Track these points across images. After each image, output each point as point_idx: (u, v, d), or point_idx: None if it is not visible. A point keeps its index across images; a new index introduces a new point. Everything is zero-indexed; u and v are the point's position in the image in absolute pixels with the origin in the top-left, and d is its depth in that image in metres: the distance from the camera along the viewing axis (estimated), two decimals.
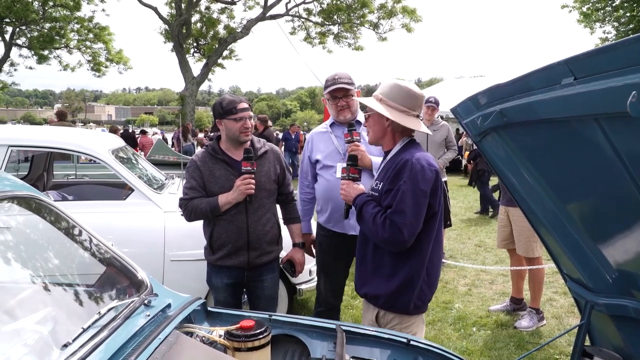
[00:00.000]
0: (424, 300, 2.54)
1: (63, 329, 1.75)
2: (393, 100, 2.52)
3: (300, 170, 3.70)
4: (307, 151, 3.59)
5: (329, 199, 3.40)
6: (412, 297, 2.48)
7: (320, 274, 3.68)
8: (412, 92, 2.53)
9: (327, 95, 3.35)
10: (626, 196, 1.73)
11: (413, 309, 2.51)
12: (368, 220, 2.47)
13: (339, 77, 3.29)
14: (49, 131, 5.35)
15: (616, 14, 24.47)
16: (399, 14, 25.08)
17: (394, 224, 2.34)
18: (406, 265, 2.46)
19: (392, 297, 2.49)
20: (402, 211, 2.34)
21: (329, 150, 3.44)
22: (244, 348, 1.90)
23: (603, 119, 1.55)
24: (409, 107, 2.52)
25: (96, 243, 2.36)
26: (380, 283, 2.52)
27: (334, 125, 3.48)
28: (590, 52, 1.49)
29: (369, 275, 2.59)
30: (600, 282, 2.22)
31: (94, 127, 19.81)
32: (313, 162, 3.54)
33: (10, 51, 26.01)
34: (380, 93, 2.58)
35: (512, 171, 2.37)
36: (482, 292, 5.79)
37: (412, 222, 2.35)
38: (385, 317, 2.57)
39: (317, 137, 3.56)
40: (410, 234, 2.36)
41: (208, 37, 26.66)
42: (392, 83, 2.58)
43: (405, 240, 2.35)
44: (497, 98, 2.10)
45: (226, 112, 3.04)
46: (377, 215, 2.42)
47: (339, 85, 3.26)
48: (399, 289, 2.47)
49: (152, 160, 8.27)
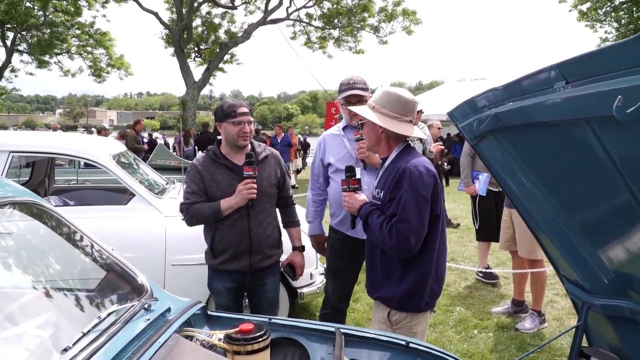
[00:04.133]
0: (433, 298, 2.67)
1: (63, 334, 1.77)
2: (384, 107, 2.56)
3: (312, 172, 3.71)
4: (319, 153, 3.60)
5: (342, 202, 3.41)
6: (424, 297, 2.58)
7: (330, 277, 3.68)
8: (402, 98, 2.57)
9: (342, 100, 3.37)
10: (620, 198, 1.75)
11: (424, 307, 2.62)
12: (374, 229, 2.53)
13: (354, 82, 3.32)
14: (50, 137, 5.38)
15: (615, 14, 24.45)
16: (399, 16, 25.10)
17: (400, 232, 2.41)
18: (415, 269, 2.54)
19: (405, 299, 2.58)
20: (406, 219, 2.41)
21: (342, 154, 3.45)
22: (244, 351, 1.91)
23: (594, 122, 1.57)
24: (400, 114, 2.55)
25: (97, 248, 2.37)
26: (392, 287, 2.60)
27: (347, 128, 3.49)
28: (581, 57, 1.51)
29: (380, 281, 2.66)
30: (597, 283, 2.23)
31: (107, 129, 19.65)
32: (325, 165, 3.55)
33: (11, 57, 26.07)
34: (372, 101, 2.63)
35: (509, 174, 2.39)
36: (483, 295, 5.79)
37: (418, 228, 2.42)
38: (397, 315, 2.64)
39: (330, 139, 3.56)
40: (417, 240, 2.43)
41: (209, 41, 26.65)
42: (383, 90, 2.62)
43: (412, 247, 2.43)
44: (493, 102, 2.12)
45: (226, 115, 3.06)
46: (383, 224, 2.48)
47: (353, 91, 3.29)
48: (410, 291, 2.56)
49: (153, 164, 8.30)
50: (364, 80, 3.34)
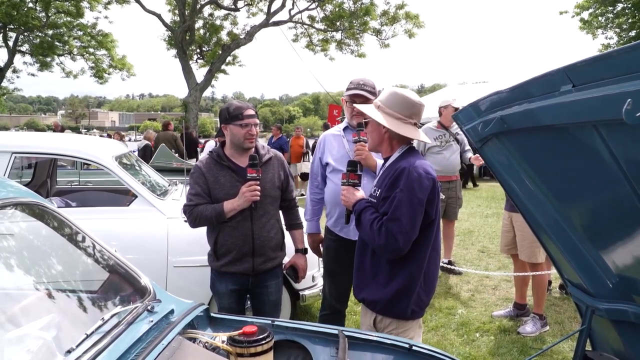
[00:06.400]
0: (421, 306, 2.57)
1: (67, 335, 1.77)
2: (390, 107, 2.54)
3: (311, 170, 3.73)
4: (318, 152, 3.62)
5: (336, 203, 3.41)
6: (410, 303, 2.51)
7: (326, 278, 3.69)
8: (409, 100, 2.55)
9: (347, 97, 3.39)
10: (625, 202, 1.74)
11: (410, 315, 2.54)
12: (365, 226, 2.50)
13: (363, 84, 3.33)
14: (52, 138, 5.38)
15: (618, 20, 24.47)
16: (401, 19, 25.12)
17: (389, 231, 2.37)
18: (403, 272, 2.48)
19: (390, 303, 2.52)
20: (397, 219, 2.37)
21: (340, 155, 3.46)
22: (247, 354, 1.91)
23: (601, 126, 1.57)
24: (406, 115, 2.53)
25: (99, 249, 2.37)
26: (378, 289, 2.54)
27: (347, 129, 3.50)
28: (588, 60, 1.51)
29: (366, 281, 2.61)
30: (601, 287, 2.23)
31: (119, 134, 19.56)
32: (324, 165, 3.56)
33: (13, 57, 26.13)
34: (378, 100, 2.61)
35: (513, 177, 2.38)
36: (485, 298, 5.78)
37: (408, 230, 2.37)
38: (382, 322, 2.59)
39: (330, 139, 3.57)
40: (406, 242, 2.38)
41: (211, 43, 26.69)
42: (390, 91, 2.60)
43: (400, 247, 2.38)
44: (498, 105, 2.11)
45: (232, 117, 3.06)
46: (374, 221, 2.45)
47: (360, 91, 3.30)
48: (396, 295, 2.50)
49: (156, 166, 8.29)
50: (374, 84, 3.36)
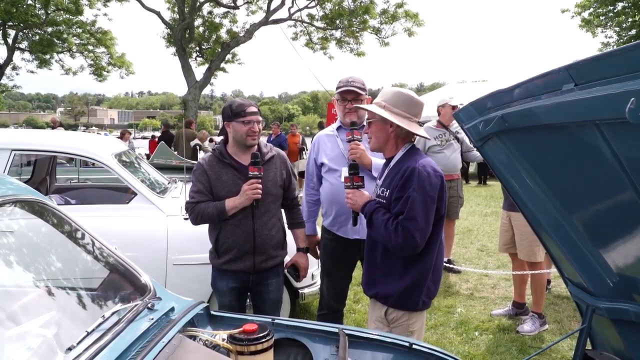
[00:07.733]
0: (430, 297, 2.71)
1: (67, 333, 1.77)
2: (396, 107, 2.61)
3: (306, 172, 3.73)
4: (312, 153, 3.63)
5: (333, 202, 3.42)
6: (421, 296, 2.62)
7: (324, 277, 3.69)
8: (413, 99, 2.65)
9: (338, 95, 3.39)
10: (626, 201, 1.74)
11: (421, 306, 2.66)
12: (379, 227, 2.56)
13: (352, 81, 3.34)
14: (52, 135, 5.38)
15: (618, 19, 24.47)
16: (401, 18, 25.09)
17: (406, 230, 2.45)
18: (415, 267, 2.58)
19: (403, 296, 2.62)
20: (413, 218, 2.45)
21: (335, 154, 3.47)
22: (247, 352, 1.91)
23: (603, 125, 1.56)
24: (411, 114, 2.63)
25: (99, 247, 2.37)
26: (391, 284, 2.63)
27: (341, 129, 3.51)
28: (590, 59, 1.50)
29: (379, 278, 2.69)
30: (601, 286, 2.23)
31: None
32: (318, 165, 3.56)
33: (12, 55, 26.10)
34: (382, 100, 2.66)
35: (514, 176, 2.38)
36: (484, 297, 5.78)
37: (424, 227, 2.48)
38: (394, 314, 2.67)
39: (324, 139, 3.58)
40: (422, 239, 2.49)
41: (211, 41, 26.63)
42: (394, 90, 2.68)
43: (417, 244, 2.48)
44: (499, 103, 2.11)
45: (235, 114, 3.06)
46: (389, 222, 2.52)
47: (350, 87, 3.31)
48: (408, 289, 2.60)
49: (155, 164, 8.29)
50: (362, 81, 3.37)
